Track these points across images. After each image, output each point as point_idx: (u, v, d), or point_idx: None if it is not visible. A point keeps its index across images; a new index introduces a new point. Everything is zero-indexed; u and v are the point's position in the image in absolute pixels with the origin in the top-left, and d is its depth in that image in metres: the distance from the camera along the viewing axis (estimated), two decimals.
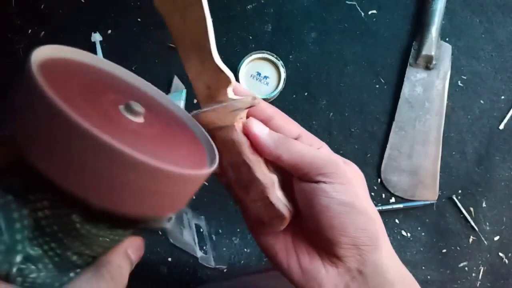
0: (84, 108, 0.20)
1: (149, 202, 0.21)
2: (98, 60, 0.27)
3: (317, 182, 0.26)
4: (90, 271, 0.22)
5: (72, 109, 0.18)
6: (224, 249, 0.60)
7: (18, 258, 0.20)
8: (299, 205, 0.28)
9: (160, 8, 0.26)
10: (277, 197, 0.28)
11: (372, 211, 0.27)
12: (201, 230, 0.31)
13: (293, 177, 0.28)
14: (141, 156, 0.18)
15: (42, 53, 0.22)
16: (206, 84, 0.27)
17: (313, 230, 0.27)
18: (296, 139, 0.29)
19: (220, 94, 0.27)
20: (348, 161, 0.29)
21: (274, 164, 0.28)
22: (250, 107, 0.27)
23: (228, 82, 0.27)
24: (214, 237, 0.31)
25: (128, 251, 0.23)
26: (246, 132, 0.27)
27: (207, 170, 0.23)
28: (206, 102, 0.28)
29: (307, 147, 0.27)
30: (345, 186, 0.26)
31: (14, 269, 0.20)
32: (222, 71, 0.26)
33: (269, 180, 0.27)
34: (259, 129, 0.27)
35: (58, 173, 0.19)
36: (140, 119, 0.23)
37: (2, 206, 0.20)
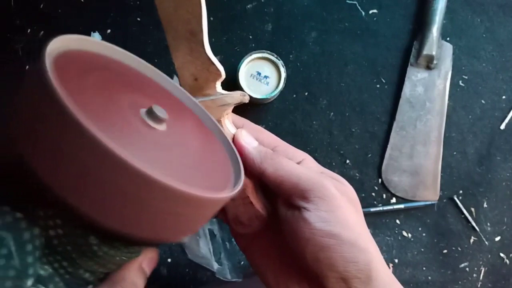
0: (100, 115, 0.18)
1: (169, 226, 0.19)
2: (119, 52, 0.24)
3: (300, 208, 0.24)
4: None
5: (89, 118, 0.15)
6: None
7: (29, 283, 0.18)
8: (284, 234, 0.25)
9: None
10: (257, 196, 0.27)
11: (363, 239, 0.24)
12: (215, 236, 0.30)
13: (278, 203, 0.26)
14: (168, 180, 0.16)
15: (56, 46, 0.19)
16: (194, 75, 0.25)
17: (300, 261, 0.24)
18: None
19: (208, 87, 0.26)
20: (340, 178, 0.26)
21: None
22: (240, 103, 0.26)
23: (218, 75, 0.25)
24: (228, 244, 0.30)
25: (142, 265, 0.21)
26: (234, 142, 0.26)
27: (230, 193, 0.21)
28: (192, 94, 0.26)
29: (294, 165, 0.25)
30: (331, 213, 0.23)
31: None
32: (212, 63, 0.25)
33: (249, 180, 0.27)
34: (247, 141, 0.26)
35: (73, 196, 0.16)
36: (162, 127, 0.21)
37: (10, 225, 0.18)
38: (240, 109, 0.64)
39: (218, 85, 0.26)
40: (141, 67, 0.25)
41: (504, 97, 0.63)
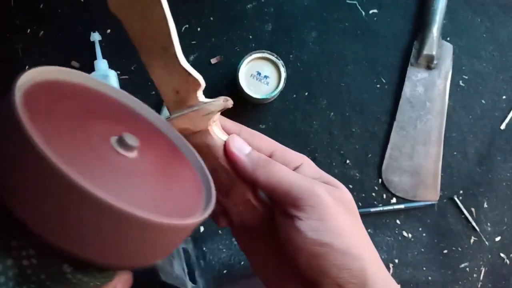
0: (69, 144, 0.18)
1: (142, 253, 0.19)
2: (89, 80, 0.24)
3: (292, 217, 0.23)
4: None
5: (55, 150, 0.16)
6: (224, 250, 0.60)
7: None
8: (280, 240, 0.25)
9: (118, 12, 0.24)
10: (257, 198, 0.27)
11: (356, 246, 0.24)
12: (190, 255, 0.30)
13: (275, 208, 0.26)
14: (133, 209, 0.17)
15: (27, 79, 0.19)
16: (174, 89, 0.25)
17: (296, 267, 0.25)
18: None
19: (190, 98, 0.25)
20: (337, 183, 0.26)
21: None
22: (223, 109, 0.26)
23: (197, 85, 0.25)
24: (202, 262, 0.30)
25: None
26: (225, 149, 0.26)
27: (200, 217, 0.21)
28: (176, 107, 0.26)
29: (287, 172, 0.25)
30: (322, 222, 0.23)
31: None
32: (190, 74, 0.25)
33: (246, 185, 0.26)
34: (238, 147, 0.25)
35: (41, 227, 0.17)
36: (133, 154, 0.21)
37: None
38: (241, 109, 0.64)
39: (200, 94, 0.26)
40: (116, 95, 0.25)
41: (504, 97, 0.63)
